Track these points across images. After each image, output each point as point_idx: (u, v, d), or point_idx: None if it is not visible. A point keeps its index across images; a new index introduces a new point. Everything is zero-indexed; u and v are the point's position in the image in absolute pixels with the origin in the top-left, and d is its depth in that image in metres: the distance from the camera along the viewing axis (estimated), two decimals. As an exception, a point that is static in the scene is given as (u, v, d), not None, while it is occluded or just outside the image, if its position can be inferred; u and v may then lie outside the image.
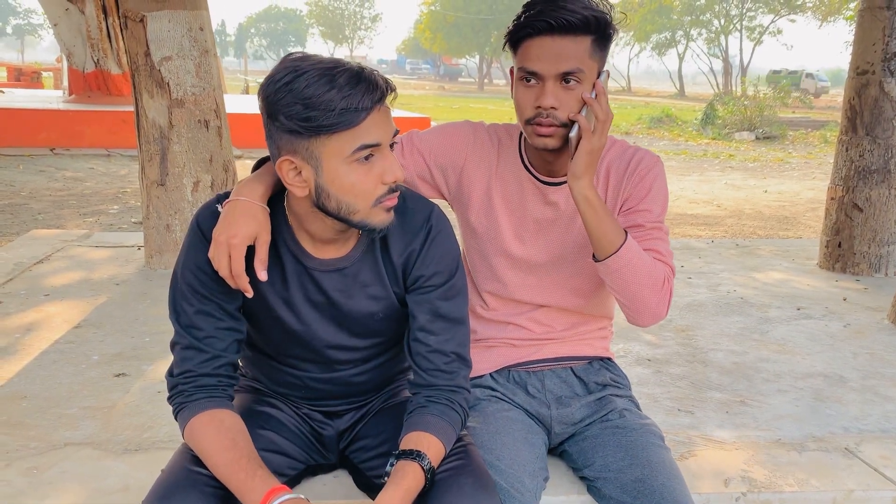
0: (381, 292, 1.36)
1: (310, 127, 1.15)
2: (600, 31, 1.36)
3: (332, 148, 1.17)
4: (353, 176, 1.19)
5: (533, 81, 1.39)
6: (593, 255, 1.45)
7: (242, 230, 1.23)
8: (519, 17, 1.39)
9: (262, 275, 1.25)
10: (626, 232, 1.42)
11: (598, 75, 1.40)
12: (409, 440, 1.27)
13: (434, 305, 1.35)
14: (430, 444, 1.26)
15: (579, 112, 1.38)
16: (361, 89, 1.15)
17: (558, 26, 1.33)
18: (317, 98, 1.13)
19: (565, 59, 1.35)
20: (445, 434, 1.29)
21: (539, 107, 1.38)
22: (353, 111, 1.15)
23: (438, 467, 1.27)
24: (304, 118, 1.14)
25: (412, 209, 1.36)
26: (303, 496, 1.18)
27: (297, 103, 1.14)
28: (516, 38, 1.40)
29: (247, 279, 1.23)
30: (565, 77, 1.36)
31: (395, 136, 1.23)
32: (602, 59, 1.39)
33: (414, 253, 1.34)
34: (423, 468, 1.22)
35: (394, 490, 1.18)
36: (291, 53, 1.20)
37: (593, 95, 1.38)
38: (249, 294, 1.25)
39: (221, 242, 1.22)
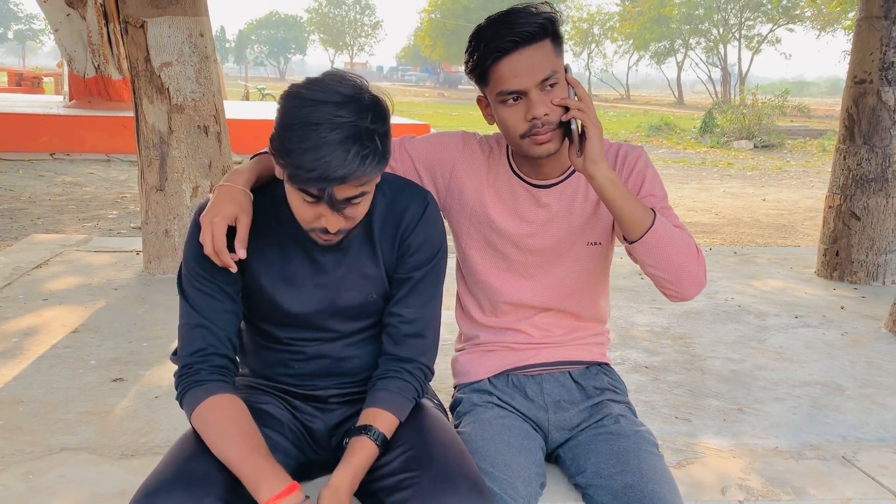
0: (374, 271, 1.45)
1: None
2: (554, 31, 1.44)
3: None
4: None
5: (516, 99, 1.43)
6: (625, 239, 1.47)
7: (223, 211, 1.33)
8: (477, 48, 1.44)
9: (242, 252, 1.35)
10: (650, 208, 1.45)
11: (566, 71, 1.46)
12: (363, 417, 1.37)
13: (414, 280, 1.43)
14: (381, 419, 1.36)
15: (563, 106, 1.42)
16: None
17: (522, 40, 1.39)
18: None
19: (539, 67, 1.41)
20: (398, 407, 1.39)
21: (533, 119, 1.42)
22: None
23: (432, 470, 1.28)
24: None
25: (408, 192, 1.46)
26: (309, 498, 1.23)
27: None
28: (483, 67, 1.44)
29: (228, 255, 1.34)
30: (544, 82, 1.41)
31: None
32: (562, 55, 1.47)
33: (409, 227, 1.42)
34: (371, 439, 1.32)
35: (345, 467, 1.29)
36: None
37: (571, 95, 1.44)
38: (233, 270, 1.36)
39: (206, 223, 1.33)
